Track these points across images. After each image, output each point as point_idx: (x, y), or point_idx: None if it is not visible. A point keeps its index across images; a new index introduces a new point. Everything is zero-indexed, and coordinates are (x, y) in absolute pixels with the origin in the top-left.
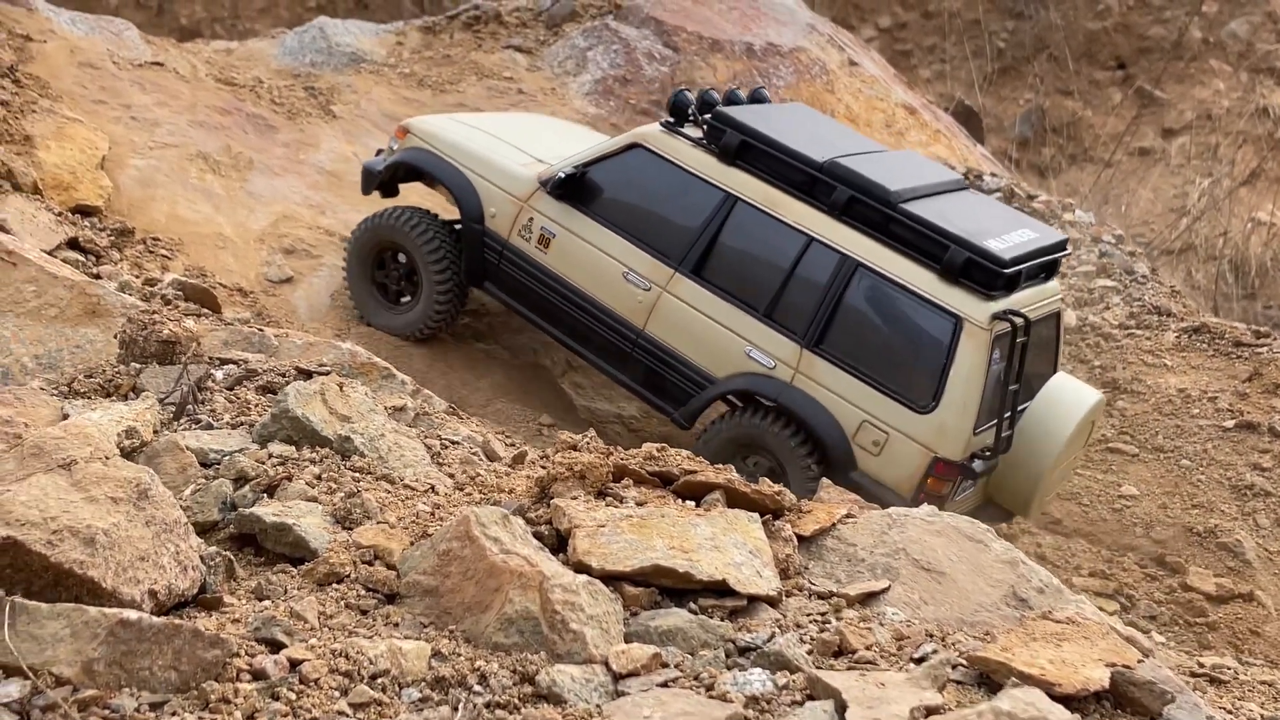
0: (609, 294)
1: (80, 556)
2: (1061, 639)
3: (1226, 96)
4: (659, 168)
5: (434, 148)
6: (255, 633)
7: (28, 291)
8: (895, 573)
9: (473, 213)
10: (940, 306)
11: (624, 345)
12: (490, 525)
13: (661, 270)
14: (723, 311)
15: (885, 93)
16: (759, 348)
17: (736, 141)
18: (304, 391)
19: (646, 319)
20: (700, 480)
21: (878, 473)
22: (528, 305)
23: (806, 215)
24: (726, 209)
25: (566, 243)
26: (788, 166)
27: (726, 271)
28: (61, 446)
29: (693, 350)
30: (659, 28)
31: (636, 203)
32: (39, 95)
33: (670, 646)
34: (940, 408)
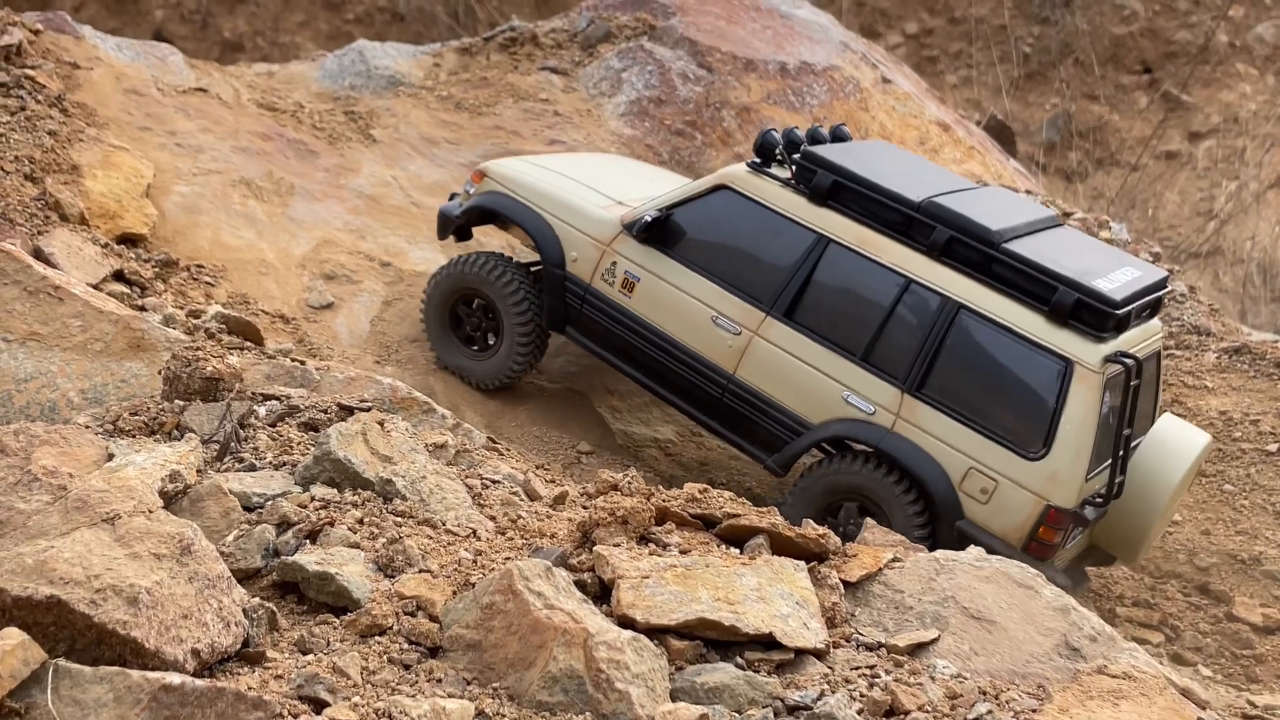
0: (697, 338)
1: (123, 617)
2: (1119, 697)
3: (1253, 100)
4: (747, 209)
5: (513, 192)
6: (298, 690)
7: (74, 326)
8: (944, 621)
9: (554, 257)
10: (1050, 350)
11: (714, 391)
12: (534, 579)
13: (752, 314)
14: (818, 356)
15: (919, 110)
16: (857, 392)
17: (828, 182)
18: (346, 432)
19: (737, 364)
20: (744, 524)
21: (986, 521)
22: (611, 350)
23: (904, 256)
24: (819, 251)
25: (651, 287)
26: (882, 206)
27: (821, 315)
28: (105, 500)
29: (787, 396)
30: (693, 48)
31: (724, 245)
32: (86, 124)
33: (717, 705)
34: (1052, 454)
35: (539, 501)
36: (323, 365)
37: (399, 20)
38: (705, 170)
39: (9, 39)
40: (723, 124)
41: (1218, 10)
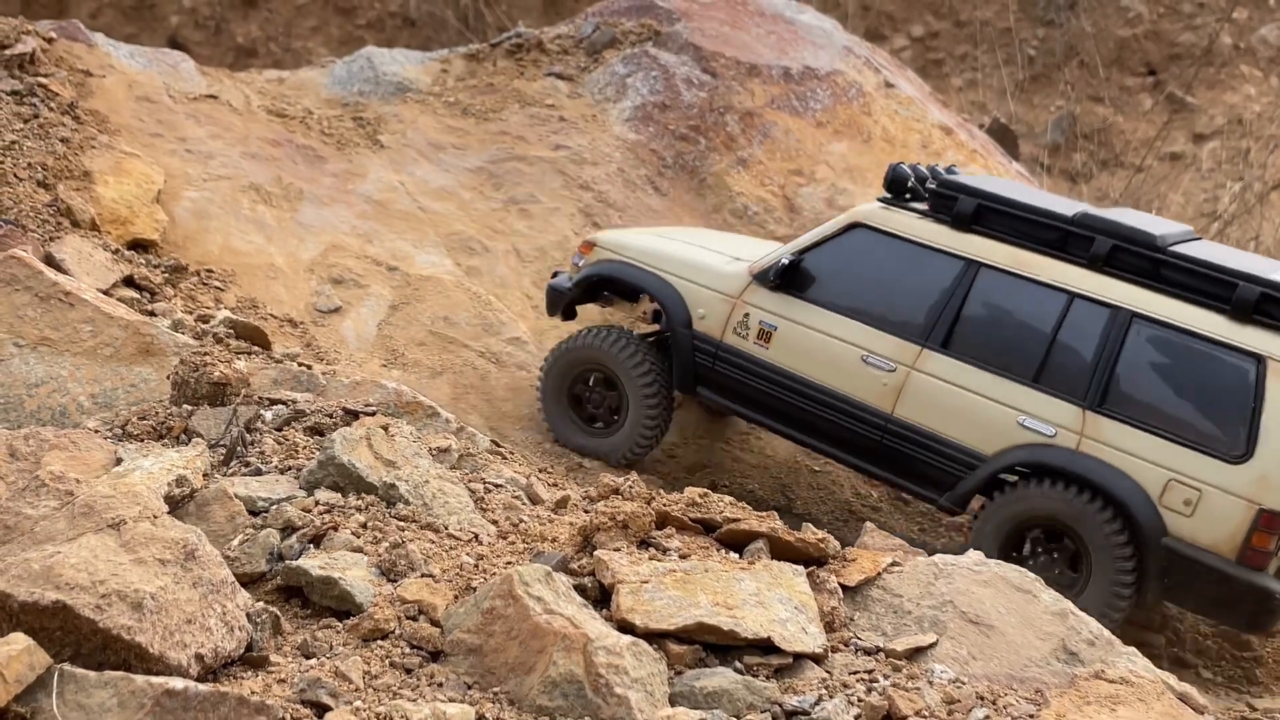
0: (848, 381)
1: (128, 622)
2: (1117, 702)
3: (1257, 101)
4: (886, 244)
5: (628, 257)
6: (300, 694)
7: (84, 331)
8: (943, 626)
9: (680, 317)
10: (1239, 348)
11: (872, 433)
12: (533, 584)
13: (906, 349)
14: (984, 383)
15: (921, 114)
16: (1033, 416)
17: (971, 207)
18: (350, 437)
19: (895, 402)
20: (744, 529)
21: (1193, 535)
22: (751, 405)
23: (1063, 272)
24: (969, 277)
25: (791, 334)
26: (1034, 225)
27: (981, 341)
28: (111, 506)
29: (955, 428)
30: (697, 54)
31: (866, 282)
32: (98, 131)
33: (716, 709)
34: (1257, 455)
35: (541, 505)
36: (329, 370)
37: (410, 25)
38: (709, 174)
39: (22, 48)
40: (726, 129)
41: (1222, 12)
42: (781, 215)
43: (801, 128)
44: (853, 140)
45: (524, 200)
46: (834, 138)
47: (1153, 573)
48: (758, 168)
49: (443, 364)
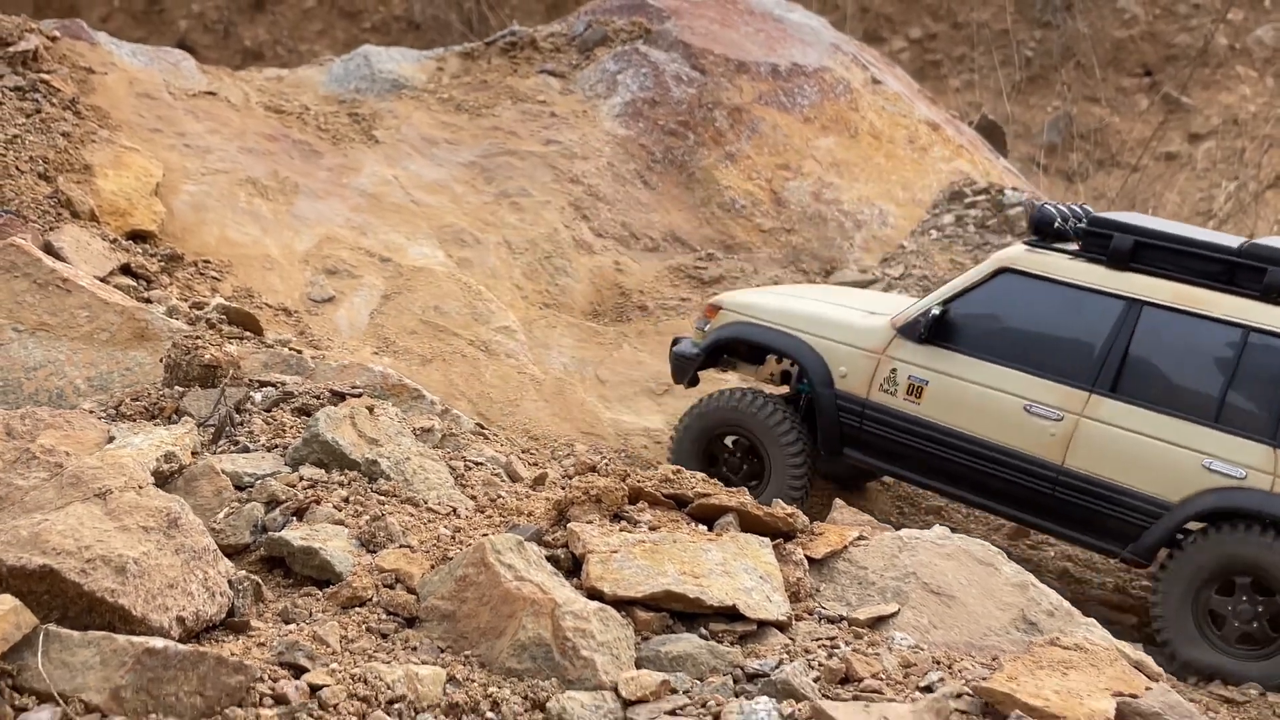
0: (1011, 433)
1: (111, 585)
2: (1069, 667)
3: (1253, 101)
4: (1037, 288)
5: (758, 318)
6: (279, 657)
7: (81, 317)
8: (905, 596)
9: (821, 377)
10: None
11: (1042, 486)
12: (505, 552)
13: (1072, 395)
14: (1162, 426)
15: (908, 109)
16: (1220, 458)
17: (1128, 244)
18: (334, 416)
19: (1065, 452)
20: (714, 503)
21: None
22: (905, 464)
23: (1235, 305)
24: (1133, 316)
25: (944, 387)
26: (1197, 259)
27: (1152, 382)
28: (98, 476)
29: (1134, 476)
30: (687, 51)
31: (1019, 329)
32: (98, 125)
33: (680, 673)
34: None
35: (520, 483)
36: (318, 354)
37: (414, 28)
38: (698, 169)
39: (25, 45)
40: (715, 124)
41: (1217, 13)
42: (768, 209)
43: (789, 123)
44: (840, 135)
45: (515, 194)
46: (821, 133)
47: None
48: (745, 162)
49: (433, 352)
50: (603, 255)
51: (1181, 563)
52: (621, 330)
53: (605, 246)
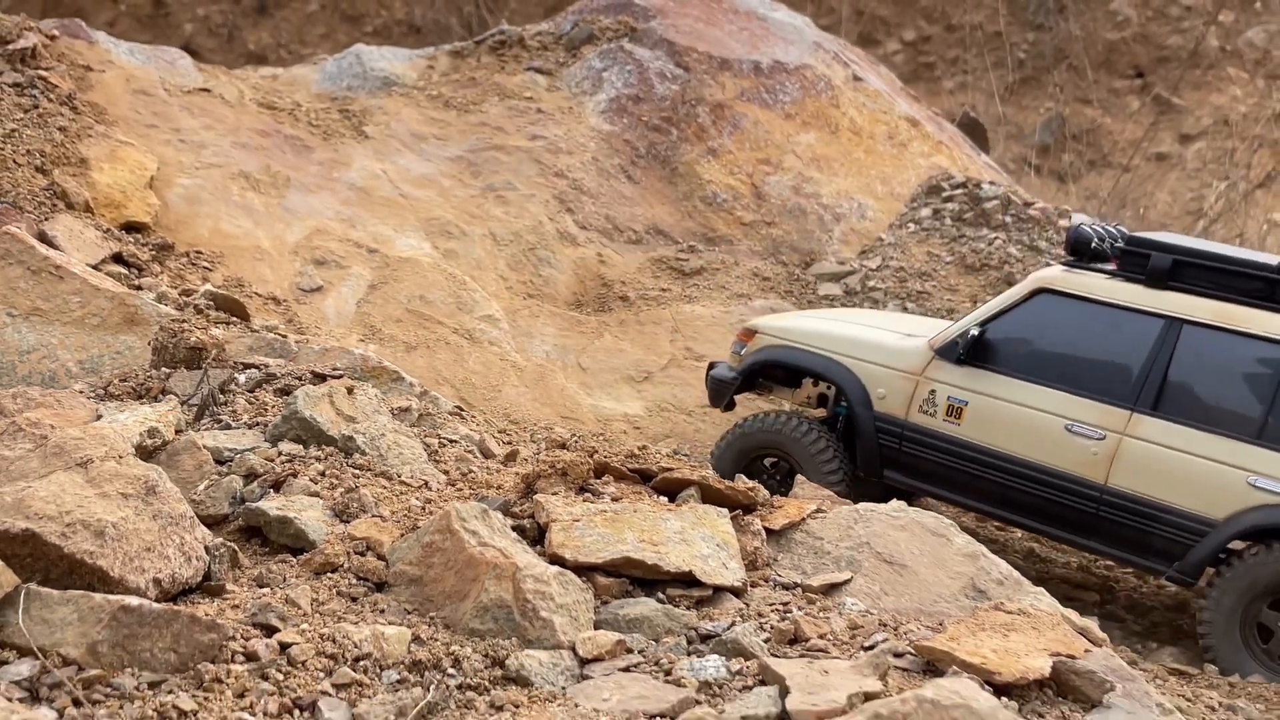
0: (1053, 453)
1: (90, 547)
2: (1010, 629)
3: (1243, 102)
4: (1075, 308)
5: (794, 341)
6: (252, 618)
7: (73, 302)
8: (858, 565)
9: (860, 399)
10: None
11: (1085, 506)
12: (470, 519)
13: (1114, 414)
14: (1206, 444)
15: (889, 106)
16: (1265, 475)
17: (1167, 263)
18: (312, 394)
19: (1108, 471)
20: (677, 477)
21: None
22: (946, 485)
23: (1275, 322)
24: (1173, 335)
25: (983, 408)
26: (1236, 277)
27: (1194, 400)
28: (80, 446)
29: (1178, 494)
30: (671, 49)
31: (1058, 349)
32: (95, 121)
33: (636, 634)
34: None
35: (492, 459)
36: (301, 338)
37: (415, 32)
38: (680, 164)
39: (24, 43)
40: (698, 120)
41: (1208, 15)
42: (749, 202)
43: (770, 119)
44: (820, 131)
45: (501, 187)
46: (802, 129)
47: None
48: (727, 157)
49: (418, 339)
50: (586, 247)
51: (1231, 579)
52: (603, 320)
53: (589, 239)
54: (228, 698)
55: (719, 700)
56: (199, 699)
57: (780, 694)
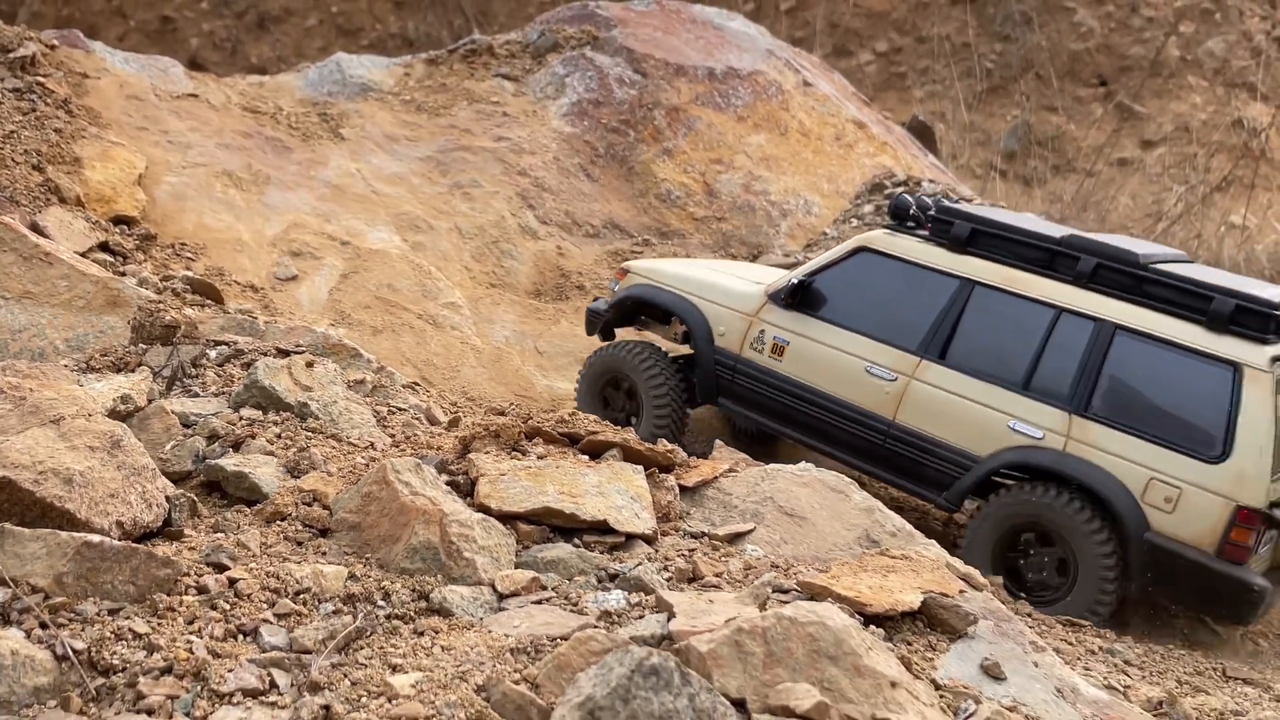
0: (853, 390)
1: (59, 492)
2: (890, 571)
3: (1203, 110)
4: (889, 266)
5: (658, 282)
6: (205, 558)
7: (61, 286)
8: (761, 517)
9: (703, 334)
10: (1217, 357)
11: (875, 438)
12: (404, 472)
13: (906, 360)
14: (978, 390)
15: (837, 110)
16: (1023, 420)
17: (967, 231)
18: (272, 365)
19: (896, 409)
20: (601, 439)
21: (1174, 530)
22: (767, 414)
23: (1052, 289)
24: (965, 294)
25: (802, 348)
26: (1025, 246)
27: (975, 352)
28: (54, 406)
29: (951, 432)
30: (630, 56)
31: (870, 301)
32: (89, 123)
33: (551, 573)
34: (1235, 455)
35: (437, 425)
36: (270, 319)
37: (409, 44)
38: (637, 163)
39: (24, 51)
40: (654, 122)
41: (1169, 26)
42: (701, 199)
43: (723, 121)
44: (770, 133)
45: (467, 185)
46: (753, 130)
47: (1136, 568)
48: (681, 157)
49: (384, 324)
50: (546, 241)
51: (988, 510)
52: (560, 307)
53: (549, 233)
54: (179, 624)
55: (615, 626)
56: (152, 624)
57: (668, 619)
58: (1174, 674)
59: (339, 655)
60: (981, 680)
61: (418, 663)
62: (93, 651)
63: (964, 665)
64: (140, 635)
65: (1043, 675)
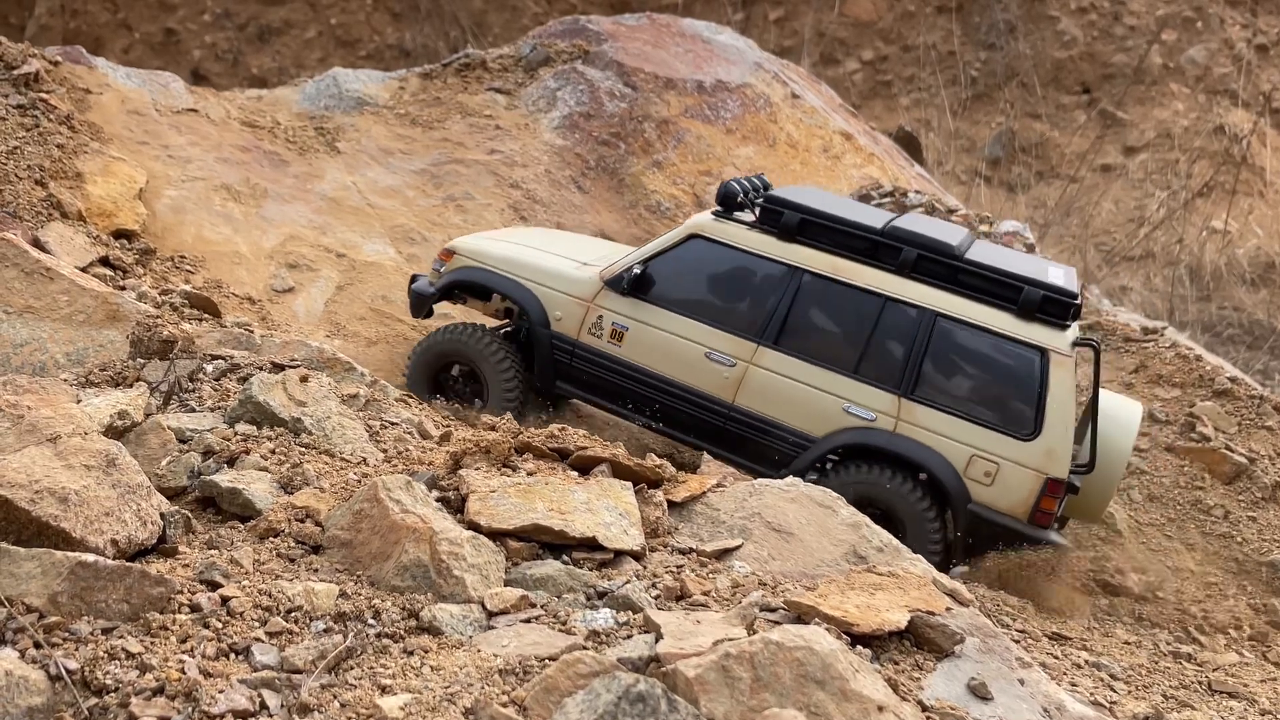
0: (693, 375)
1: (55, 511)
2: (877, 588)
3: (1185, 116)
4: (720, 253)
5: (487, 265)
6: (199, 575)
7: (61, 300)
8: (749, 533)
9: (539, 319)
10: (1026, 342)
11: (716, 420)
12: (394, 490)
13: (744, 346)
14: (813, 375)
15: (824, 121)
16: (856, 403)
17: (796, 220)
18: (267, 381)
19: (735, 393)
20: (590, 455)
21: (993, 501)
22: (608, 397)
23: (876, 277)
24: (795, 282)
25: (641, 334)
26: (849, 236)
27: (808, 338)
28: (51, 424)
29: (788, 415)
30: (620, 69)
31: (704, 287)
32: (90, 138)
33: (540, 591)
34: (1044, 433)
35: (429, 440)
36: (267, 333)
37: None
38: (628, 175)
39: (27, 68)
40: (644, 135)
41: (1152, 34)
42: (691, 210)
43: (712, 134)
44: (759, 144)
45: (460, 197)
46: (741, 142)
47: (960, 535)
48: (671, 169)
49: (378, 335)
50: None
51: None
52: None
53: None
54: (172, 642)
55: (603, 647)
56: (146, 643)
57: (655, 640)
58: (1160, 688)
59: (329, 675)
60: (968, 701)
61: (407, 684)
62: (86, 671)
63: (951, 685)
64: (133, 655)
65: (1029, 694)
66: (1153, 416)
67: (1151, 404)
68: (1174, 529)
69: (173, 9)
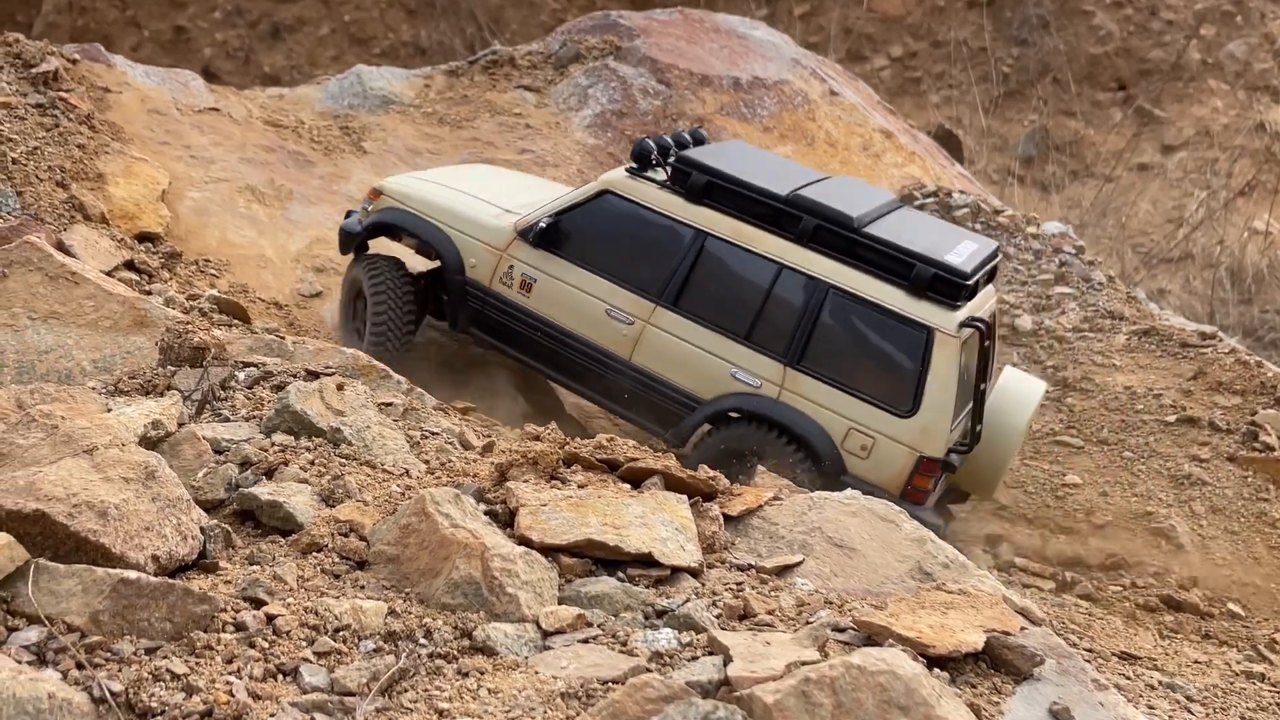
0: (593, 330)
1: (94, 526)
2: (949, 607)
3: (1224, 114)
4: (629, 210)
5: (409, 207)
6: (242, 592)
7: (87, 306)
8: (810, 548)
9: (453, 264)
10: (913, 320)
11: (612, 376)
12: (443, 503)
13: (642, 305)
14: (705, 338)
15: (863, 119)
16: (743, 369)
17: (703, 182)
18: (304, 389)
19: (632, 350)
20: (641, 466)
21: (867, 474)
22: (514, 346)
23: (776, 245)
24: (698, 245)
25: (548, 286)
26: (753, 201)
27: (704, 301)
28: (87, 435)
29: (679, 375)
30: (653, 66)
31: (611, 244)
32: (111, 139)
33: (596, 609)
34: (921, 412)
35: (471, 450)
36: (298, 339)
37: (421, 53)
38: None
39: (46, 66)
40: None
41: (1190, 29)
42: None
43: (749, 132)
44: (797, 143)
45: None
46: (779, 141)
47: None
48: None
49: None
50: None
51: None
52: None
53: None
54: (217, 663)
55: (668, 669)
56: (190, 664)
57: (724, 662)
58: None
59: (383, 698)
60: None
61: (465, 707)
62: (130, 693)
63: (1031, 709)
64: (178, 676)
65: (1110, 718)
66: (1213, 425)
67: (1211, 412)
68: (1239, 542)
69: (183, 6)
